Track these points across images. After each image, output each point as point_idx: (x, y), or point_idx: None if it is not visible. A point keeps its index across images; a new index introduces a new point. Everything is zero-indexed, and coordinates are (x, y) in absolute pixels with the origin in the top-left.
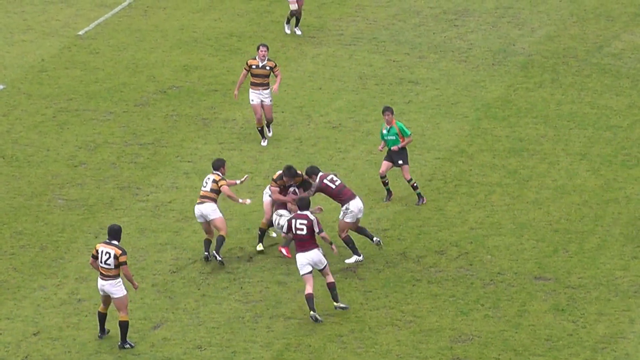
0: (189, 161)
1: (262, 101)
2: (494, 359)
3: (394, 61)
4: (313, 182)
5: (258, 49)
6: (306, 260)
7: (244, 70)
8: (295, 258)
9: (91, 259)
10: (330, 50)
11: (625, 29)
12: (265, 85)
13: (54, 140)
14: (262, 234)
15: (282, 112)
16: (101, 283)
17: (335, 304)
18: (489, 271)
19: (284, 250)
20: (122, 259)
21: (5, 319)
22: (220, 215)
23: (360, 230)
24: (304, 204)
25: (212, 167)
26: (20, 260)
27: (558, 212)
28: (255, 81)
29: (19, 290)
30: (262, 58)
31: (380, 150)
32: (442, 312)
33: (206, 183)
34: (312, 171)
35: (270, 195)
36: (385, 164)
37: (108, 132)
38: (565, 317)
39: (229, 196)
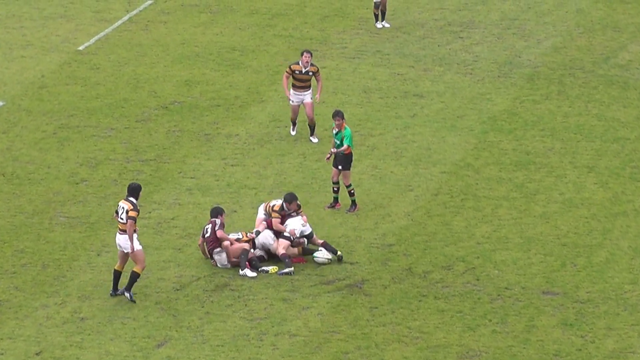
0: (191, 177)
1: (302, 100)
2: None
3: (398, 74)
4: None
5: (302, 54)
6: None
7: (286, 73)
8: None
9: (114, 214)
10: (334, 64)
11: (633, 40)
12: (307, 88)
13: (54, 157)
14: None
15: (286, 126)
16: (117, 238)
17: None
18: (496, 286)
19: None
20: (131, 213)
21: (7, 339)
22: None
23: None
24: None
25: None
26: (21, 279)
27: (566, 225)
28: (297, 84)
29: (21, 309)
30: (306, 64)
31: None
32: (449, 328)
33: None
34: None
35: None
36: (335, 170)
37: (109, 149)
38: (574, 332)
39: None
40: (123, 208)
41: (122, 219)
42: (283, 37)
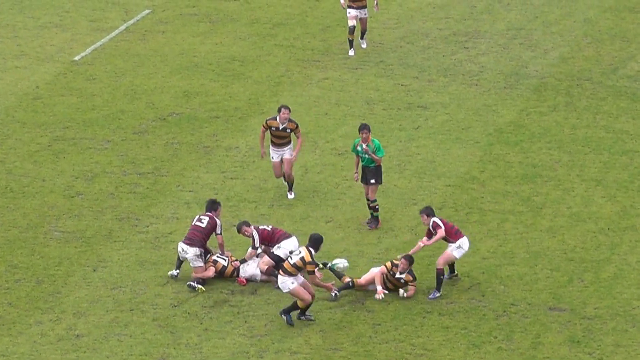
0: (190, 191)
1: (282, 156)
2: None
3: (402, 85)
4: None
5: (279, 110)
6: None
7: (262, 128)
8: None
9: (289, 252)
10: (336, 75)
11: None
12: (286, 144)
13: (49, 170)
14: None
15: None
16: (279, 278)
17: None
18: (502, 302)
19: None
20: (308, 267)
21: (1, 356)
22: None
23: None
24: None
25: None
26: (15, 294)
27: (573, 240)
28: (275, 141)
29: (15, 325)
30: (283, 121)
31: (356, 180)
32: (453, 345)
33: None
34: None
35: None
36: (366, 187)
37: (106, 162)
38: (581, 349)
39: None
40: (300, 253)
41: (291, 259)
42: (284, 47)
